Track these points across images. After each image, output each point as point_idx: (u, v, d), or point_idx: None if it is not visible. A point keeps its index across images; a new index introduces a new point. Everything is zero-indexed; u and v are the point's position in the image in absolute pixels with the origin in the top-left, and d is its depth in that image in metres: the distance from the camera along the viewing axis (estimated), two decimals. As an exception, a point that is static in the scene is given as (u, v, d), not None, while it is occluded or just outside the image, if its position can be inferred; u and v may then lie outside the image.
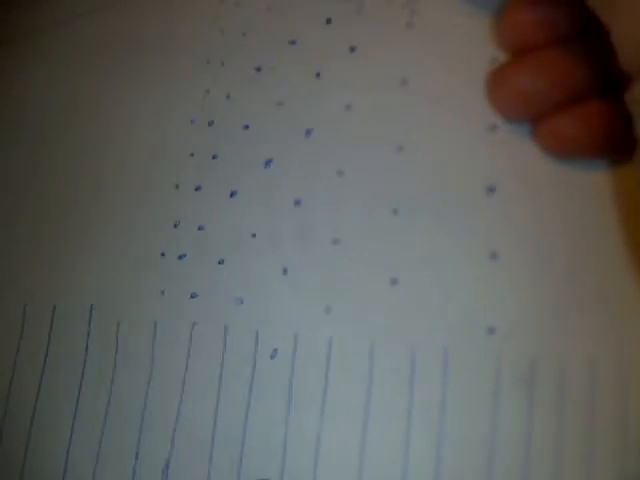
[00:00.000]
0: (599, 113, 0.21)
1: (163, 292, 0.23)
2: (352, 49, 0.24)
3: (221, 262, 0.23)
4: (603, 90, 0.21)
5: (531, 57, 0.21)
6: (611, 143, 0.21)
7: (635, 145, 0.19)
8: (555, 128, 0.21)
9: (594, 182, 0.22)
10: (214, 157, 0.24)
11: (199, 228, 0.23)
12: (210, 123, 0.24)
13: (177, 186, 0.24)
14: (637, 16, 0.17)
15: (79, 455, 0.23)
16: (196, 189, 0.24)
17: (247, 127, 0.24)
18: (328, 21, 0.24)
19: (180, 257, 0.23)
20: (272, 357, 0.22)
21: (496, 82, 0.22)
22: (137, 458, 0.22)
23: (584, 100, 0.21)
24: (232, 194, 0.23)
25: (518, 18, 0.21)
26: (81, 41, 0.27)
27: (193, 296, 0.23)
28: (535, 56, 0.21)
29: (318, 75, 0.24)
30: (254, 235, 0.23)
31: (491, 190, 0.22)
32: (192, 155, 0.24)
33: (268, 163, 0.24)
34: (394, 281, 0.22)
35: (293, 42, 0.25)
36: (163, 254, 0.23)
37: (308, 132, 0.24)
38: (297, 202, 0.23)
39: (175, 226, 0.24)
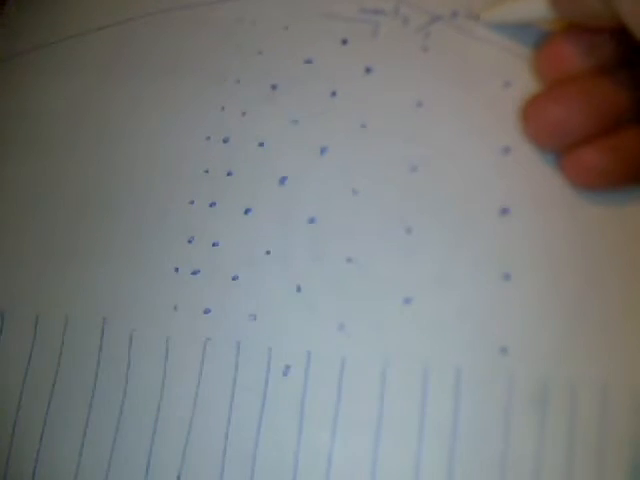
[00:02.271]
0: (633, 141, 0.21)
1: (176, 307, 0.23)
2: (367, 70, 0.24)
3: (235, 278, 0.23)
4: None
5: (567, 87, 0.21)
6: None
7: None
8: (582, 160, 0.21)
9: (608, 203, 0.22)
10: (229, 174, 0.24)
11: (213, 244, 0.24)
12: (225, 140, 0.24)
13: (192, 202, 0.24)
14: None
15: (90, 468, 0.23)
16: (211, 205, 0.24)
17: (262, 144, 0.24)
18: (344, 42, 0.25)
19: (194, 273, 0.23)
20: (285, 374, 0.22)
21: (530, 111, 0.22)
22: (148, 473, 0.22)
23: (619, 129, 0.21)
24: (247, 211, 0.24)
25: (558, 51, 0.22)
26: (92, 57, 0.27)
27: (206, 312, 0.23)
28: (571, 86, 0.21)
29: (333, 94, 0.24)
30: (268, 252, 0.23)
31: (505, 211, 0.22)
32: (207, 172, 0.24)
33: (283, 181, 0.24)
34: (407, 300, 0.22)
35: (309, 61, 0.25)
36: (177, 269, 0.24)
37: (323, 150, 0.24)
38: (311, 220, 0.23)
39: (189, 242, 0.24)
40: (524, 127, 0.22)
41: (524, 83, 0.23)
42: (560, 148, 0.22)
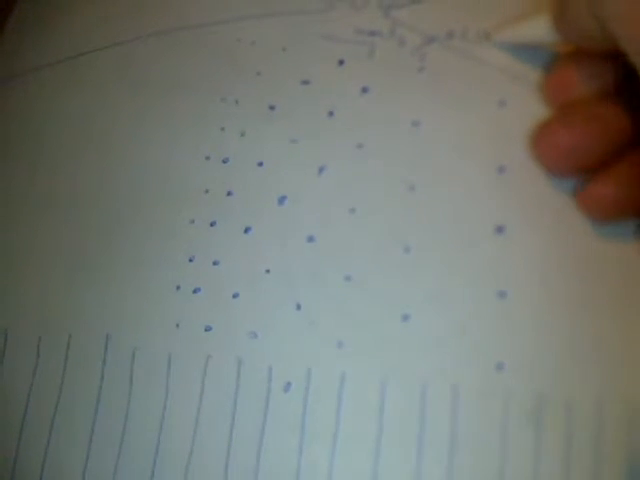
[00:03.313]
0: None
1: (178, 325, 0.24)
2: (364, 90, 0.25)
3: (235, 296, 0.23)
4: None
5: (576, 112, 0.22)
6: None
7: None
8: (598, 194, 0.21)
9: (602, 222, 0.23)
10: (229, 194, 0.25)
11: (214, 263, 0.24)
12: (225, 160, 0.25)
13: (192, 221, 0.24)
14: None
15: (93, 486, 0.23)
16: (211, 225, 0.24)
17: (261, 164, 0.25)
18: (341, 62, 0.25)
19: (195, 291, 0.24)
20: (285, 391, 0.23)
21: (540, 137, 0.23)
22: (151, 489, 0.23)
23: (625, 154, 0.21)
24: (246, 230, 0.24)
25: (565, 76, 0.22)
26: (92, 78, 0.27)
27: (207, 329, 0.23)
28: (580, 111, 0.22)
29: (331, 114, 0.25)
30: (268, 271, 0.24)
31: (500, 230, 0.23)
32: (207, 191, 0.25)
33: (282, 200, 0.24)
34: (405, 317, 0.23)
35: (306, 82, 0.25)
36: (178, 287, 0.24)
37: (321, 169, 0.24)
38: (310, 239, 0.24)
39: (190, 260, 0.24)
40: (535, 153, 0.23)
41: (519, 102, 0.24)
42: (571, 173, 0.22)
